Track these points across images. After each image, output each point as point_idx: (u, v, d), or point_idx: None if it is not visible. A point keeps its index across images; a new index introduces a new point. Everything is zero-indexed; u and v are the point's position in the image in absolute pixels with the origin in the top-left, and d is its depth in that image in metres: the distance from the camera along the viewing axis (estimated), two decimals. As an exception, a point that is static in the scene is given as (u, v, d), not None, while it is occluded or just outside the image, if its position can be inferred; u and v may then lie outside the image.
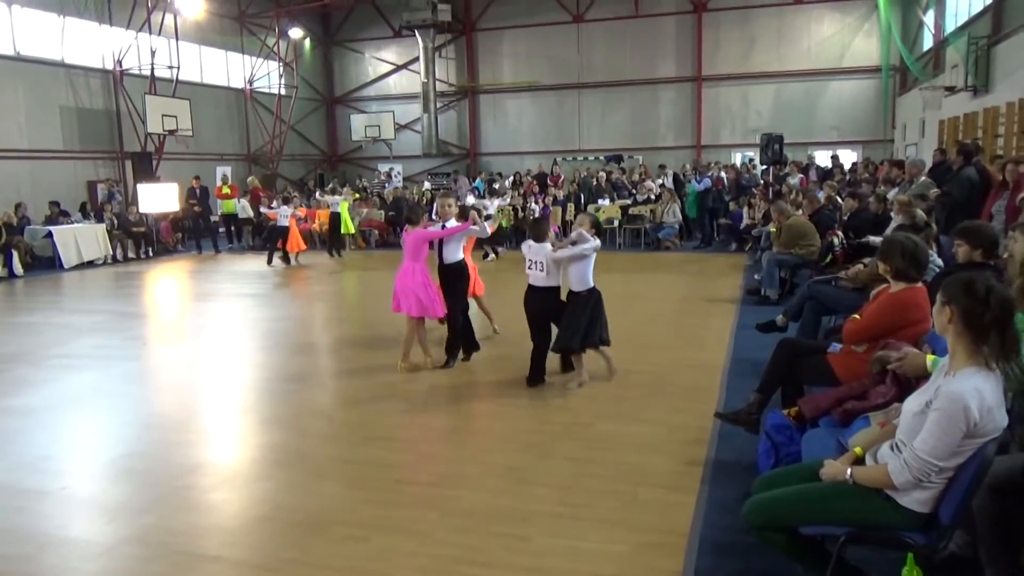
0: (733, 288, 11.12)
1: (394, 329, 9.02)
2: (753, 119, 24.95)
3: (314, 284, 13.44)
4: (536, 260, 6.34)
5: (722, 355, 7.25)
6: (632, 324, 8.86)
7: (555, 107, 27.20)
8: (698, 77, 25.36)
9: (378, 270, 15.21)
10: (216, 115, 24.60)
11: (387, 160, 27.66)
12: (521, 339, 8.18)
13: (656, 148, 25.92)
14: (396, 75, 29.13)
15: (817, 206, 10.60)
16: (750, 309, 9.38)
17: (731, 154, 25.06)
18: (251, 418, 5.97)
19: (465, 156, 28.64)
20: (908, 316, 4.13)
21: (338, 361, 7.82)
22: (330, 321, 10.04)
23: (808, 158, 18.22)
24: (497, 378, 6.91)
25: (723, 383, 6.34)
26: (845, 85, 24.12)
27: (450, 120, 28.71)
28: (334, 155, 30.45)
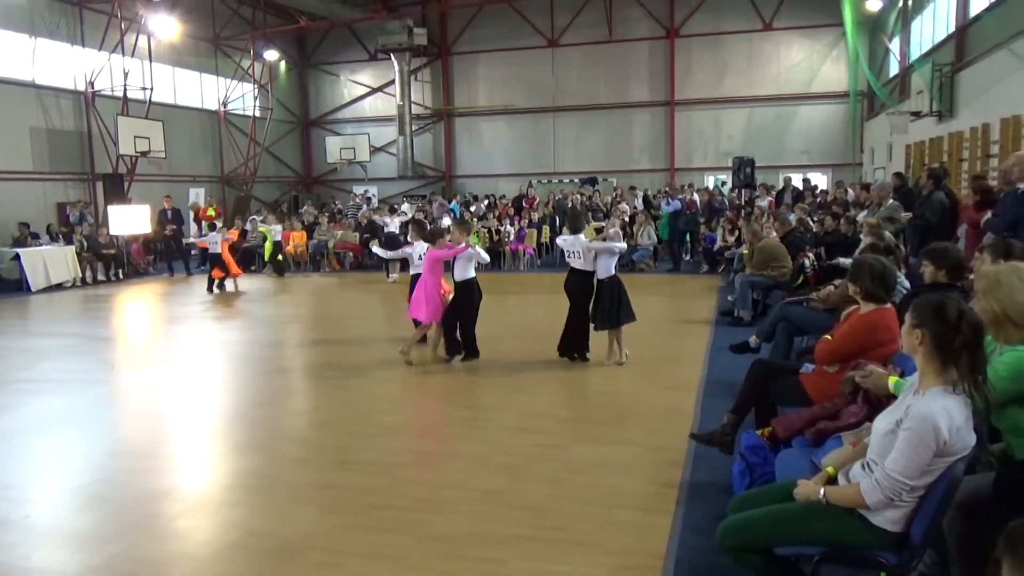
0: (707, 309, 11.20)
1: (367, 352, 8.97)
2: (725, 143, 25.32)
3: (287, 307, 13.32)
4: (573, 250, 7.91)
5: (697, 376, 7.29)
6: (606, 345, 8.87)
7: (530, 130, 27.41)
8: (671, 101, 25.71)
9: (352, 292, 15.15)
10: (190, 137, 24.45)
11: (362, 182, 27.64)
12: (495, 365, 8.16)
13: (630, 171, 26.17)
14: (372, 98, 29.20)
15: (788, 228, 10.75)
16: (724, 330, 9.45)
17: (704, 177, 25.38)
18: (222, 443, 5.88)
19: (440, 178, 28.70)
20: (878, 337, 4.19)
21: (311, 384, 7.75)
22: (303, 344, 9.95)
23: (784, 180, 18.48)
24: (473, 402, 6.89)
25: (698, 404, 6.37)
26: (814, 110, 24.58)
27: (426, 143, 28.79)
28: (309, 177, 30.37)
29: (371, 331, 10.34)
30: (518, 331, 9.86)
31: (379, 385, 7.50)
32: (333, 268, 18.82)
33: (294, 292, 15.10)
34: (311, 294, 14.96)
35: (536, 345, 9.08)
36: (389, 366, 8.35)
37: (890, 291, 4.32)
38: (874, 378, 3.64)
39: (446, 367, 8.14)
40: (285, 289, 15.47)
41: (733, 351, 7.28)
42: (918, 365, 2.86)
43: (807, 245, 10.20)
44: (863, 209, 11.84)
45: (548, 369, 7.87)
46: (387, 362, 8.53)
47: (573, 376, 7.53)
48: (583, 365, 7.95)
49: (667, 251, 17.51)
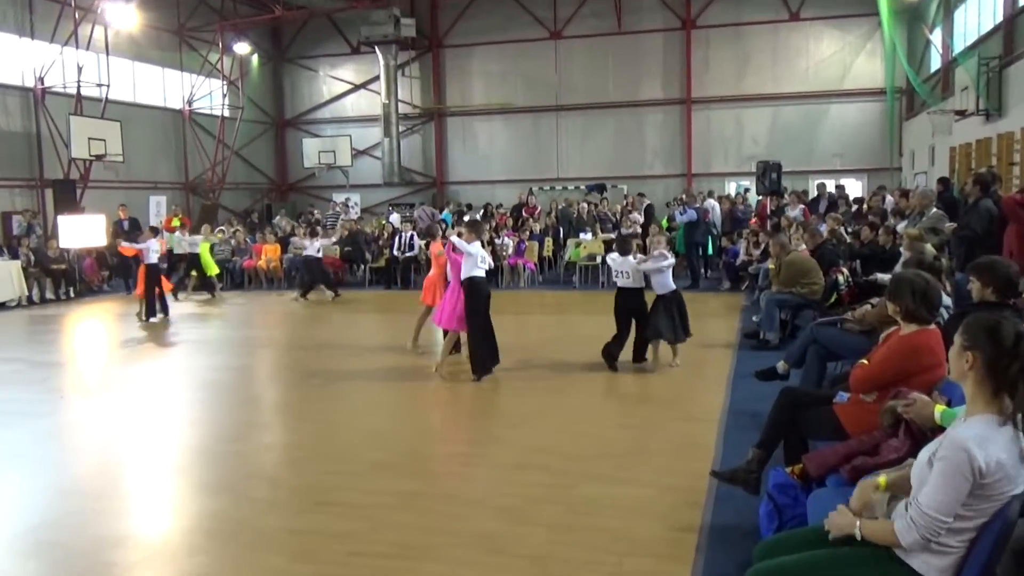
0: (729, 331, 11.20)
1: (348, 380, 8.95)
2: (748, 145, 25.44)
3: (258, 329, 13.30)
4: (622, 270, 8.94)
5: (717, 406, 7.27)
6: (617, 375, 8.86)
7: (531, 131, 27.54)
8: (687, 99, 25.86)
9: (333, 312, 15.13)
10: (150, 139, 24.56)
11: (343, 189, 27.72)
12: (490, 395, 8.15)
13: (642, 177, 26.28)
14: (354, 95, 29.36)
15: (819, 240, 10.76)
16: (748, 355, 9.45)
17: (724, 183, 25.47)
18: (184, 482, 5.85)
19: (431, 185, 28.80)
20: (920, 361, 4.18)
21: (284, 416, 7.72)
22: (276, 370, 9.93)
23: (819, 187, 18.48)
24: (466, 436, 6.86)
25: (719, 438, 6.34)
26: (847, 109, 24.73)
27: (414, 145, 28.92)
28: (283, 183, 30.46)
29: (353, 356, 10.32)
30: (516, 357, 9.84)
31: (361, 417, 7.48)
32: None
33: (266, 312, 15.09)
34: (285, 314, 14.95)
35: (536, 372, 9.06)
36: (373, 395, 8.33)
37: (933, 310, 4.31)
38: (918, 408, 3.63)
39: (440, 395, 8.12)
40: (255, 309, 15.46)
41: (758, 378, 7.26)
42: (966, 392, 2.84)
43: (841, 259, 10.21)
44: (903, 219, 11.86)
45: (550, 399, 7.85)
46: (370, 391, 8.51)
47: (579, 407, 7.51)
48: (589, 393, 7.94)
49: (683, 265, 17.55)
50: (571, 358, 9.75)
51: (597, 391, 8.13)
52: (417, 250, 17.88)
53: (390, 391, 8.56)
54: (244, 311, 15.30)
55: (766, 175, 17.63)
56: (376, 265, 18.93)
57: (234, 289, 18.64)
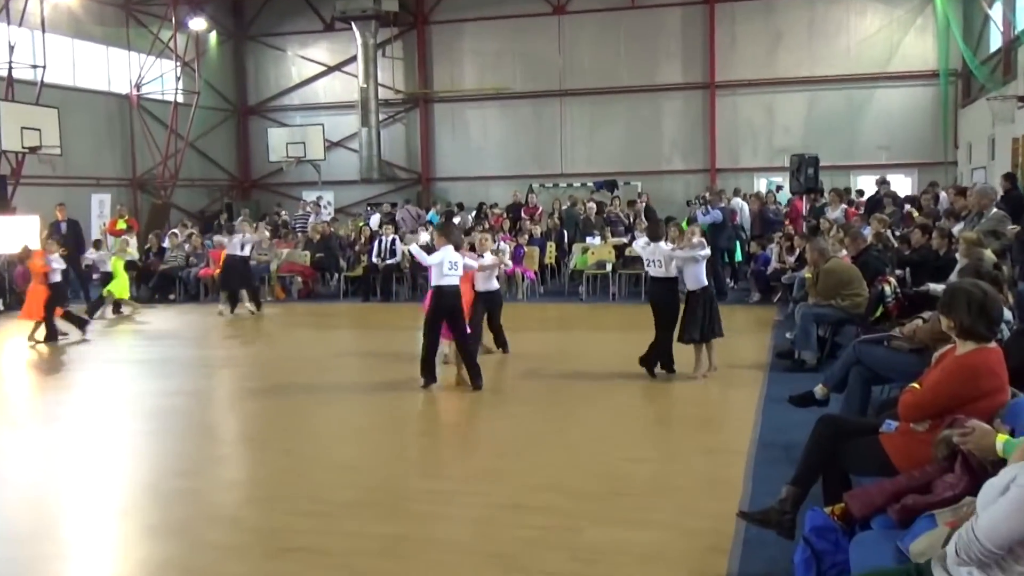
0: (759, 350, 11.21)
1: (319, 407, 8.94)
2: (780, 136, 25.50)
3: (215, 348, 13.29)
4: (654, 259, 9.40)
5: (746, 437, 7.27)
6: (629, 398, 8.86)
7: (530, 120, 27.60)
8: (710, 83, 25.95)
9: (302, 328, 15.13)
10: (93, 128, 24.59)
11: (314, 186, 27.75)
12: (481, 424, 8.13)
13: (659, 172, 26.35)
14: (327, 79, 29.43)
15: (863, 245, 10.78)
16: (781, 377, 9.45)
17: (753, 179, 25.52)
18: (131, 524, 5.83)
19: (415, 182, 28.84)
20: (979, 385, 4.18)
21: (247, 448, 7.71)
22: (237, 396, 9.92)
23: (878, 183, 18.40)
24: (455, 470, 6.85)
25: (747, 473, 6.34)
26: (895, 94, 24.81)
27: (396, 136, 28.97)
28: (246, 180, 30.50)
29: (325, 379, 10.31)
30: (512, 378, 9.84)
31: (334, 448, 7.47)
32: (276, 297, 18.82)
33: (226, 329, 15.08)
34: (247, 330, 14.94)
35: (536, 396, 9.05)
36: (347, 424, 8.31)
37: (994, 326, 4.32)
38: (977, 437, 3.62)
39: (426, 422, 8.11)
40: (211, 324, 15.45)
41: (793, 404, 7.26)
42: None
43: (887, 267, 10.22)
44: (958, 220, 11.89)
45: (552, 427, 7.85)
46: (345, 419, 8.49)
47: (586, 436, 7.50)
48: (597, 421, 7.93)
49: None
50: (576, 380, 9.75)
51: (606, 418, 8.12)
52: (400, 256, 17.89)
53: (367, 418, 8.55)
54: (198, 327, 15.28)
55: (801, 170, 17.68)
56: (352, 274, 18.94)
57: (189, 301, 18.63)
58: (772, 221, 18.29)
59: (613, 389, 9.15)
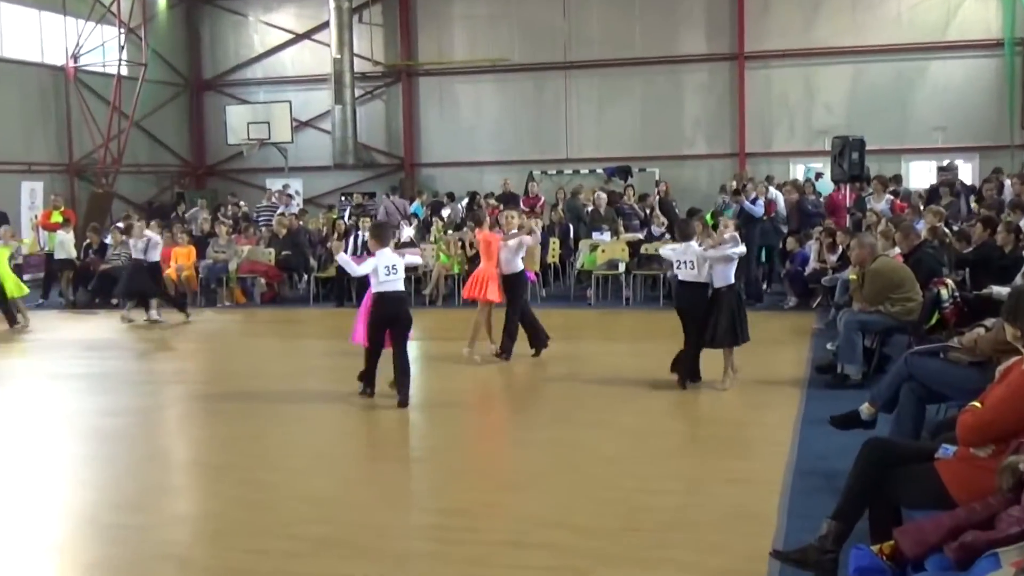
0: (796, 363, 11.22)
1: (284, 428, 8.93)
2: (820, 115, 25.49)
3: (164, 361, 13.27)
4: (684, 260, 9.69)
5: (780, 463, 7.27)
6: (646, 419, 8.86)
7: (531, 97, 27.58)
8: (739, 54, 25.94)
9: (264, 338, 15.11)
10: (22, 105, 24.56)
11: (281, 173, 27.71)
12: (476, 450, 8.14)
13: (680, 157, 26.33)
14: (295, 48, 29.39)
15: (916, 242, 10.79)
16: (821, 395, 9.45)
17: (789, 165, 25.51)
18: (67, 565, 5.82)
19: (397, 168, 28.82)
20: (1051, 404, 4.19)
21: (200, 476, 7.69)
22: (189, 415, 9.91)
23: (946, 169, 18.28)
24: (444, 503, 6.84)
25: (782, 506, 6.34)
26: (952, 67, 24.80)
27: (375, 115, 28.94)
28: (201, 166, 30.45)
29: (290, 397, 10.30)
30: (514, 395, 9.84)
31: (300, 477, 7.45)
32: (236, 301, 18.80)
33: (176, 338, 15.07)
34: (203, 340, 14.92)
35: (539, 417, 9.05)
36: (315, 449, 8.30)
37: (1068, 335, 4.33)
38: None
39: (411, 447, 8.10)
40: (160, 333, 15.43)
41: (835, 426, 7.25)
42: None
43: (944, 267, 10.22)
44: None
45: (556, 452, 7.85)
46: (313, 443, 8.48)
47: (597, 463, 7.50)
48: (610, 445, 7.94)
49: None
50: (584, 397, 9.74)
51: (619, 441, 8.12)
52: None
53: (340, 442, 8.55)
54: (144, 336, 15.26)
55: (844, 155, 17.65)
56: (324, 275, 18.90)
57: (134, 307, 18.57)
58: (811, 214, 18.26)
59: (626, 408, 9.15)
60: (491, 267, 11.61)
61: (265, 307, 18.49)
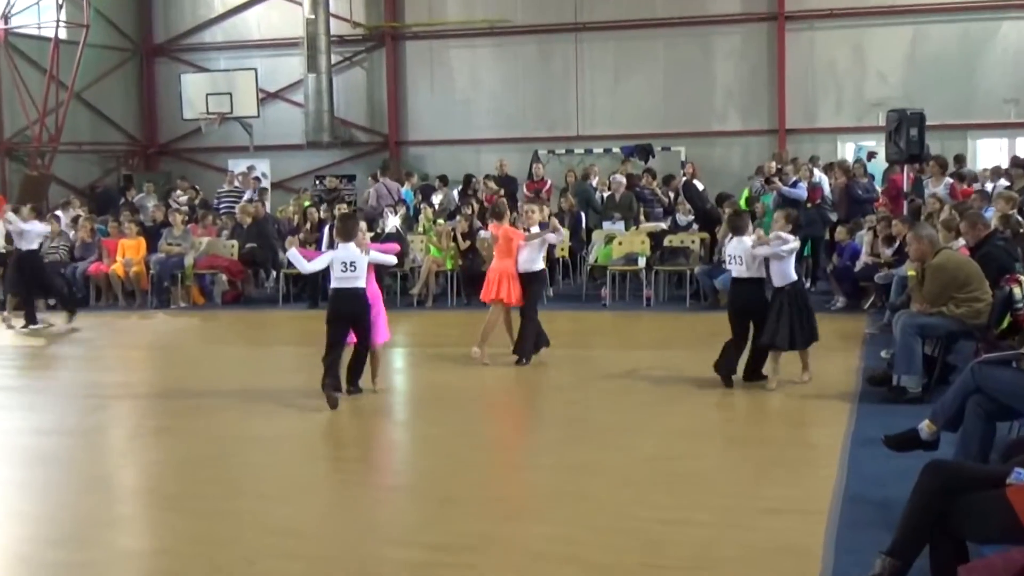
0: (845, 374, 11.20)
1: (249, 448, 8.93)
2: (873, 85, 25.43)
3: (109, 372, 13.25)
4: (735, 255, 10.47)
5: (826, 490, 7.26)
6: (670, 440, 8.85)
7: (536, 65, 27.54)
8: (779, 13, 25.89)
9: (225, 345, 15.09)
10: (-56, 74, 24.54)
11: (244, 153, 27.69)
12: (470, 476, 8.14)
13: (709, 134, 26.31)
14: (261, 7, 29.35)
15: (984, 233, 10.76)
16: (874, 410, 9.45)
17: (836, 144, 25.47)
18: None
19: (380, 147, 28.79)
20: None
21: (150, 505, 7.68)
22: (137, 434, 9.90)
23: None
24: (435, 535, 6.84)
25: (828, 540, 6.33)
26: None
27: (355, 86, 28.92)
28: (152, 144, 30.44)
29: (256, 414, 10.30)
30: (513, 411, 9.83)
31: (267, 506, 7.43)
32: (193, 302, 18.79)
33: (122, 344, 15.06)
34: (154, 348, 14.91)
35: (548, 434, 9.04)
36: (285, 473, 8.29)
37: None
38: None
39: (395, 471, 8.10)
40: (104, 338, 15.43)
41: (890, 447, 7.25)
42: None
43: (1017, 262, 10.20)
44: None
45: (566, 475, 7.84)
46: (282, 467, 8.47)
47: (614, 489, 7.49)
48: (629, 470, 7.93)
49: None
50: (599, 413, 9.75)
51: (638, 463, 8.10)
52: (360, 247, 17.83)
53: (313, 465, 8.53)
54: (85, 342, 15.26)
55: (901, 131, 17.64)
56: (295, 271, 18.87)
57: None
58: (862, 200, 18.27)
59: (646, 426, 9.14)
60: (509, 265, 12.19)
61: (227, 308, 18.50)
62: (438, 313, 16.88)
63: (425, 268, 17.74)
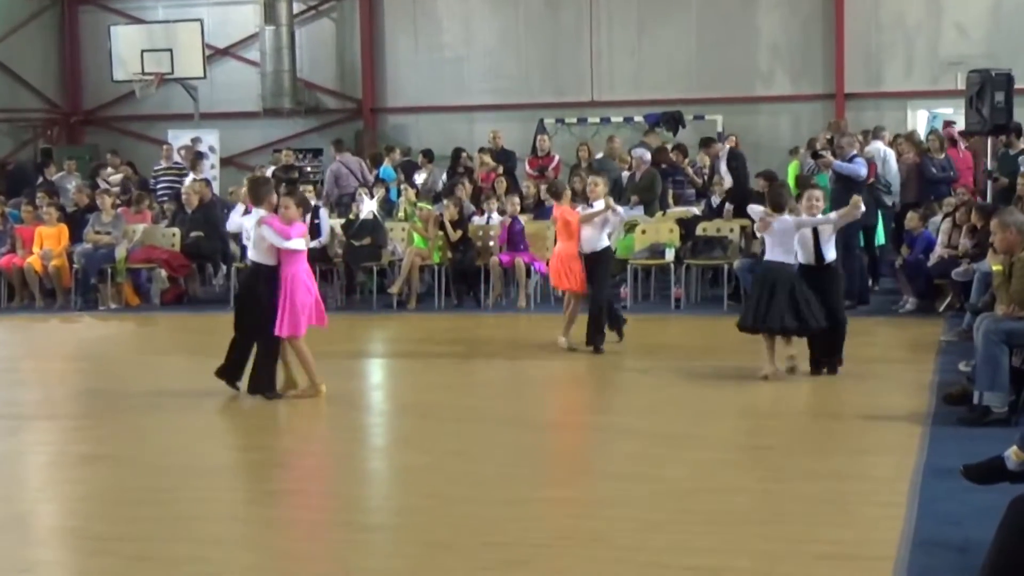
0: (915, 390, 11.22)
1: (187, 480, 8.95)
2: (949, 41, 25.45)
3: (29, 385, 13.27)
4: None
5: (894, 531, 7.26)
6: (704, 471, 8.85)
7: (542, 17, 27.56)
8: (836, -44, 25.94)
9: (165, 355, 15.10)
10: None
11: (188, 122, 27.69)
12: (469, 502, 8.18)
13: (752, 99, 26.35)
14: (208, -54, 29.42)
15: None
16: (951, 434, 9.47)
17: (907, 111, 25.49)
18: None
19: (352, 115, 28.81)
20: None
21: (73, 550, 7.69)
22: (58, 465, 9.91)
23: None
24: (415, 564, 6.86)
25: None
26: None
27: (322, 41, 28.99)
28: (76, 111, 30.44)
29: (203, 439, 10.35)
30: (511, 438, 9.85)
31: (219, 550, 7.43)
32: (126, 302, 18.78)
33: (40, 354, 15.08)
34: (78, 358, 14.92)
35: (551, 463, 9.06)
36: (238, 510, 8.31)
37: None
38: None
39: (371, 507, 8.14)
40: (20, 349, 15.44)
41: (970, 479, 7.26)
42: None
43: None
44: None
45: (571, 515, 7.85)
46: (234, 503, 8.49)
47: (632, 527, 7.49)
48: (650, 498, 7.94)
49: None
50: (616, 439, 9.75)
51: (667, 502, 8.10)
52: (325, 237, 17.78)
53: (273, 500, 8.55)
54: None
55: (984, 96, 17.65)
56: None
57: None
58: (936, 181, 18.27)
59: (674, 453, 9.14)
60: (571, 247, 13.47)
61: (167, 311, 18.52)
62: (422, 316, 16.88)
63: (407, 262, 17.63)
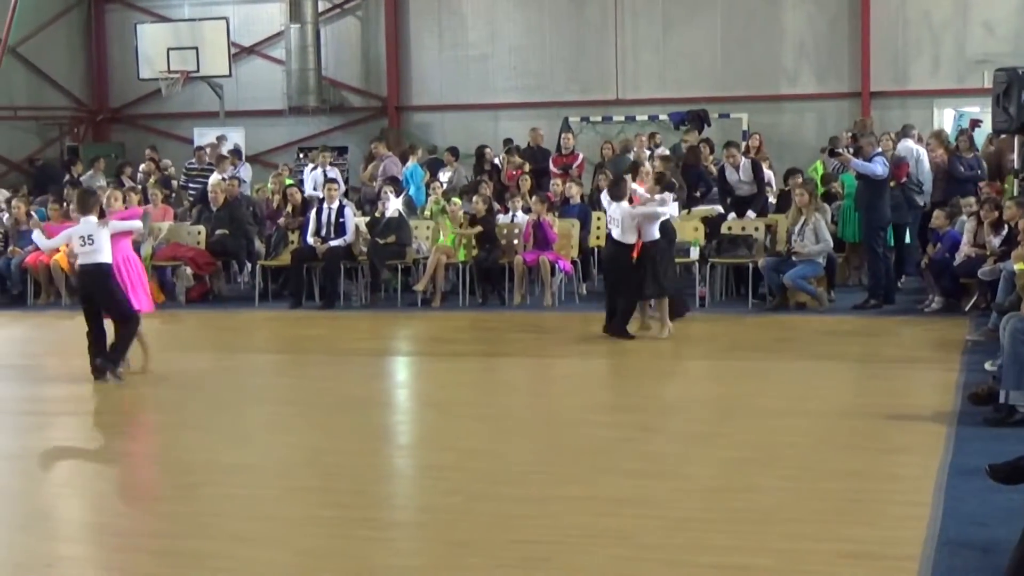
0: (941, 390, 11.18)
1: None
2: (977, 39, 25.33)
3: (55, 381, 13.30)
4: None
5: (919, 532, 7.23)
6: (728, 469, 8.83)
7: (567, 14, 27.52)
8: (863, -49, 25.85)
9: (191, 352, 15.11)
10: None
11: (213, 120, 27.71)
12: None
13: (778, 97, 26.26)
14: (234, -56, 29.46)
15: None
16: (976, 434, 9.42)
17: (933, 110, 25.37)
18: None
19: (377, 113, 28.80)
20: None
21: (93, 545, 7.70)
22: (84, 461, 9.94)
23: None
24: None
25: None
26: None
27: (347, 40, 28.96)
28: (102, 109, 30.47)
29: (228, 435, 10.36)
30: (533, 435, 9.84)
31: (244, 547, 7.41)
32: (153, 300, 18.82)
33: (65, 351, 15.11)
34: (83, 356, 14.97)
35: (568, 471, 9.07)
36: (265, 505, 8.32)
37: None
38: None
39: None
40: (47, 344, 15.45)
41: (997, 479, 7.22)
42: None
43: None
44: None
45: (594, 513, 7.83)
46: (261, 498, 8.50)
47: (649, 527, 7.48)
48: (670, 493, 7.93)
49: (857, 264, 17.44)
50: (639, 437, 9.75)
51: (690, 500, 8.09)
52: (350, 234, 17.77)
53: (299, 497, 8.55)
54: (24, 347, 15.29)
55: (1012, 94, 17.55)
56: (275, 263, 18.89)
57: (11, 306, 18.67)
58: (963, 179, 18.17)
59: (697, 452, 9.13)
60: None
61: (192, 308, 18.52)
62: (447, 314, 16.84)
63: (432, 260, 17.56)
